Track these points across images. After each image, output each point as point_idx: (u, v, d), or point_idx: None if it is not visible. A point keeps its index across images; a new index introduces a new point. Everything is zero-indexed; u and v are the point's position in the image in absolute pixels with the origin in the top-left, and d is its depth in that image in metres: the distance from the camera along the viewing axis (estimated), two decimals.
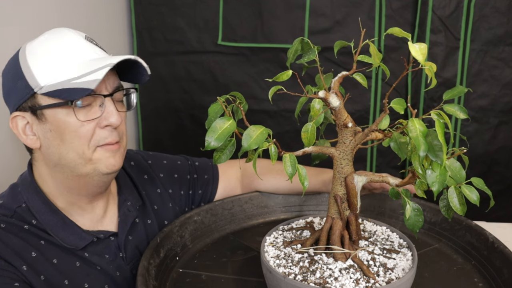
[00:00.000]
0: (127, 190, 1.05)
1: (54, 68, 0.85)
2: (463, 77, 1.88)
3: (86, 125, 0.86)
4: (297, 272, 0.80)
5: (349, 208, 0.85)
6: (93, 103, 0.87)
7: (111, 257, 0.97)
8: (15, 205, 0.91)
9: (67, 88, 0.83)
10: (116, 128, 0.90)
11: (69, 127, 0.86)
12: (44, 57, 0.86)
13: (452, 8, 1.81)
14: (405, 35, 0.71)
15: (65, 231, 0.92)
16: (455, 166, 0.75)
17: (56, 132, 0.87)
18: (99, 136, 0.88)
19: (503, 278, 0.90)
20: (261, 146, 0.75)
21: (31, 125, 0.88)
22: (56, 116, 0.86)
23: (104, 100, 0.87)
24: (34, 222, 0.90)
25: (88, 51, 0.88)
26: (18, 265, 0.84)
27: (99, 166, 0.89)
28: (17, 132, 0.89)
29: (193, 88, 2.04)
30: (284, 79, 0.77)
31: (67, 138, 0.86)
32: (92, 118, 0.87)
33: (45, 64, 0.85)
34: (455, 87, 0.82)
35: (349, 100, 1.90)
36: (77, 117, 0.85)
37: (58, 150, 0.88)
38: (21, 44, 0.91)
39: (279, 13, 1.89)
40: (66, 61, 0.86)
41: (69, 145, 0.87)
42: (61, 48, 0.87)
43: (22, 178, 0.95)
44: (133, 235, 1.02)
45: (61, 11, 1.51)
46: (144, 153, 1.17)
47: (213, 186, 1.20)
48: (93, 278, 0.93)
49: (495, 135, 1.93)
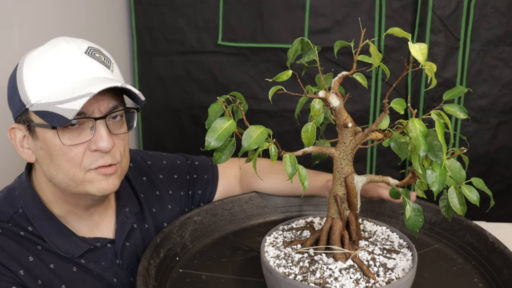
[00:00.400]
0: (125, 196, 1.03)
1: (43, 88, 0.81)
2: (463, 77, 1.88)
3: (74, 149, 0.83)
4: (297, 272, 0.80)
5: (349, 208, 0.85)
6: (84, 125, 0.83)
7: (107, 264, 0.96)
8: (11, 210, 0.89)
9: (51, 111, 0.79)
10: (110, 151, 0.85)
11: (56, 149, 0.83)
12: (37, 73, 0.82)
13: (452, 8, 1.81)
14: (405, 35, 0.71)
15: (62, 239, 0.90)
16: (455, 166, 0.75)
17: (46, 152, 0.84)
18: (90, 160, 0.84)
19: (503, 278, 0.90)
20: (261, 146, 0.75)
21: (27, 138, 0.87)
22: (45, 136, 0.83)
23: (95, 123, 0.83)
24: (30, 229, 0.89)
25: (84, 68, 0.83)
26: (15, 269, 0.83)
27: (91, 189, 0.86)
28: (14, 144, 0.88)
29: (193, 88, 2.04)
30: (284, 79, 0.77)
31: (56, 160, 0.84)
32: (80, 142, 0.83)
33: (37, 81, 0.82)
34: (455, 87, 0.82)
35: (349, 100, 1.90)
36: (62, 142, 0.82)
37: (48, 169, 0.86)
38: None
39: (279, 13, 1.89)
40: (55, 82, 0.81)
41: (58, 167, 0.84)
42: (55, 65, 0.82)
43: (20, 182, 0.93)
44: (130, 241, 1.01)
45: (61, 11, 1.51)
46: (144, 153, 1.15)
47: (212, 186, 1.19)
48: (89, 284, 0.92)
49: (495, 135, 1.93)
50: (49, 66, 0.82)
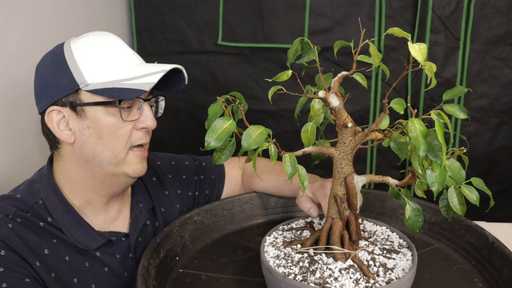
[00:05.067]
0: (140, 192, 1.07)
1: (104, 67, 0.88)
2: (463, 77, 1.88)
3: (125, 126, 0.90)
4: (297, 272, 0.80)
5: (349, 208, 0.85)
6: (133, 106, 0.91)
7: (121, 258, 0.98)
8: (32, 200, 0.92)
9: (118, 87, 0.86)
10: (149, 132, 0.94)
11: (108, 126, 0.89)
12: (93, 55, 0.88)
13: (452, 8, 1.81)
14: (405, 35, 0.71)
15: (79, 231, 0.93)
16: (455, 166, 0.75)
17: (95, 130, 0.89)
18: (135, 137, 0.92)
19: (503, 278, 0.90)
20: (261, 146, 0.75)
21: (67, 120, 0.90)
22: (97, 114, 0.88)
23: (142, 103, 0.91)
24: (49, 220, 0.91)
25: (132, 56, 0.92)
26: (31, 260, 0.85)
27: (128, 170, 0.93)
28: (51, 126, 0.91)
29: (193, 88, 2.04)
30: (284, 79, 0.77)
31: (105, 137, 0.89)
32: (132, 120, 0.90)
33: (94, 62, 0.88)
34: (455, 87, 0.82)
35: (349, 100, 1.90)
36: (122, 117, 0.89)
37: (94, 147, 0.90)
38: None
39: (279, 13, 1.89)
40: (117, 62, 0.89)
41: (106, 144, 0.90)
42: (110, 49, 0.90)
43: (40, 174, 0.96)
44: (142, 237, 1.03)
45: (61, 11, 1.51)
46: (153, 154, 1.18)
47: (219, 185, 1.22)
48: (100, 280, 0.94)
49: (495, 135, 1.93)
50: (105, 49, 0.90)
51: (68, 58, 0.89)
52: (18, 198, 0.92)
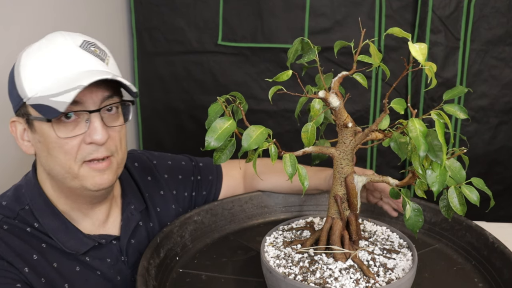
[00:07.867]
0: (130, 193, 1.05)
1: (38, 81, 0.83)
2: (463, 77, 1.88)
3: (69, 142, 0.84)
4: (297, 272, 0.80)
5: (349, 208, 0.85)
6: (79, 118, 0.85)
7: (112, 261, 0.96)
8: (18, 207, 0.90)
9: (45, 104, 0.81)
10: (104, 144, 0.86)
11: (52, 142, 0.84)
12: (33, 68, 0.84)
13: (452, 8, 1.81)
14: (405, 35, 0.71)
15: (67, 235, 0.91)
16: (455, 166, 0.75)
17: (43, 145, 0.86)
18: (85, 152, 0.85)
19: (503, 278, 0.90)
20: (261, 146, 0.75)
21: (27, 131, 0.88)
22: (42, 129, 0.85)
23: (90, 116, 0.84)
24: (36, 225, 0.90)
25: (78, 62, 0.84)
26: (20, 267, 0.84)
27: (86, 184, 0.87)
28: (15, 136, 0.90)
29: (193, 88, 2.04)
30: (284, 79, 0.77)
31: (52, 153, 0.85)
32: (75, 135, 0.84)
33: (33, 75, 0.83)
34: (455, 87, 0.82)
35: (349, 100, 1.89)
36: (57, 134, 0.83)
37: (47, 161, 0.87)
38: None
39: (279, 13, 1.89)
40: (49, 75, 0.83)
41: (55, 160, 0.86)
42: (50, 59, 0.83)
43: (26, 179, 0.95)
44: (135, 238, 1.01)
45: (61, 11, 1.51)
46: (149, 154, 1.17)
47: (217, 186, 1.20)
48: (92, 283, 0.93)
49: (495, 135, 1.93)
50: (44, 61, 0.84)
51: (15, 70, 0.86)
52: (4, 205, 0.91)
